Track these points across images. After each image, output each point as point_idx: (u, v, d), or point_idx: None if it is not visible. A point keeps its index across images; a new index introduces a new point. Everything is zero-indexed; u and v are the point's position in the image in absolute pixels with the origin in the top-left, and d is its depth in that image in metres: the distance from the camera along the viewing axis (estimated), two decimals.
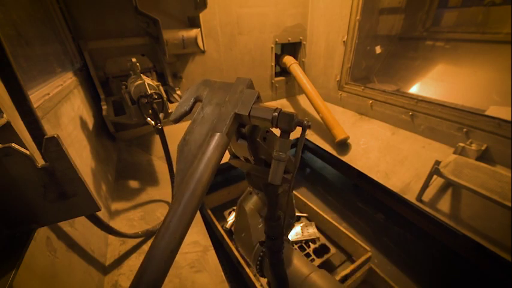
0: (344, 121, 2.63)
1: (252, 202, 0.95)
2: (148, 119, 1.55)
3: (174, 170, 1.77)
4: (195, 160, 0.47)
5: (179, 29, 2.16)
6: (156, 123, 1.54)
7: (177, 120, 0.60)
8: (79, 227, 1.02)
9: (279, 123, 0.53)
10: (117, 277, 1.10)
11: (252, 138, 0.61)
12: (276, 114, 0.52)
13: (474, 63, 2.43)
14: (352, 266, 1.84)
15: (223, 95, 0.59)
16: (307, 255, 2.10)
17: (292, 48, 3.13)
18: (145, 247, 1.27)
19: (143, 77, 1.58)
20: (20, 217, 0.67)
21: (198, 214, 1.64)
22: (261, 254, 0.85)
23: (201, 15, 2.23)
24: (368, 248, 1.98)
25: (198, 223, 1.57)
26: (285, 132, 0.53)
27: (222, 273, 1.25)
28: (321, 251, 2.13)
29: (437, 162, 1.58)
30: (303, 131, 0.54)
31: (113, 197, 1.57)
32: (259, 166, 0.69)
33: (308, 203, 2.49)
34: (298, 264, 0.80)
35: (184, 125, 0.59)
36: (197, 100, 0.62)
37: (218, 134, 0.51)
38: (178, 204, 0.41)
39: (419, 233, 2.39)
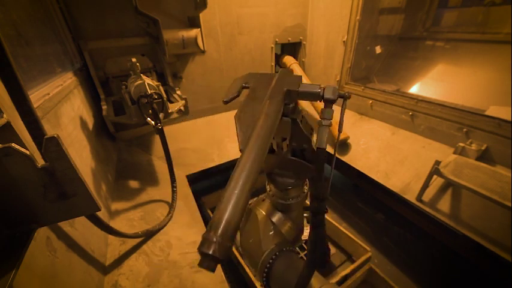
0: (344, 121, 2.62)
1: (265, 208, 0.95)
2: (148, 119, 1.55)
3: (174, 169, 1.77)
4: (257, 124, 0.54)
5: (179, 29, 2.16)
6: (156, 123, 1.54)
7: (228, 101, 0.70)
8: (79, 227, 1.02)
9: (325, 94, 0.62)
10: (117, 277, 1.10)
11: (293, 118, 0.69)
12: (322, 88, 0.63)
13: (474, 63, 2.43)
14: (352, 266, 1.84)
15: (270, 80, 0.68)
16: None
17: (292, 48, 3.13)
18: (145, 247, 1.27)
19: (143, 77, 1.58)
20: (20, 217, 0.67)
21: (198, 214, 1.65)
22: (270, 261, 0.84)
23: (201, 15, 2.23)
24: (368, 248, 1.98)
25: (197, 223, 1.57)
26: (330, 102, 0.64)
27: (222, 273, 1.25)
28: None
29: (437, 162, 1.58)
30: (344, 101, 0.65)
31: (113, 197, 1.57)
32: (288, 155, 0.75)
33: (308, 203, 2.49)
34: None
35: (183, 126, 0.61)
36: (244, 87, 0.71)
37: (275, 99, 0.61)
38: (249, 156, 0.48)
39: (419, 233, 2.39)
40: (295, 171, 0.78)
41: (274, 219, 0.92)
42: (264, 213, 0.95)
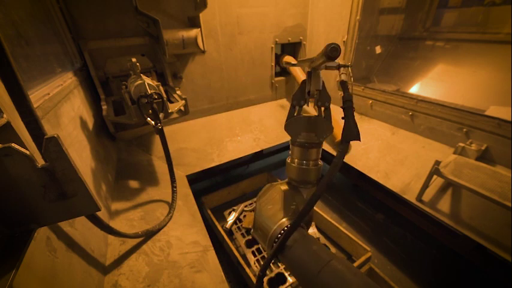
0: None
1: (287, 187, 1.06)
2: (149, 119, 1.55)
3: (174, 169, 1.79)
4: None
5: (179, 29, 2.16)
6: (156, 123, 1.54)
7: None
8: (79, 227, 1.02)
9: (328, 52, 0.87)
10: (117, 277, 1.10)
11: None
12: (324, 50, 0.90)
13: (474, 63, 2.43)
14: None
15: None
16: None
17: (292, 48, 3.13)
18: (145, 247, 1.27)
19: (143, 77, 1.58)
20: (19, 217, 0.67)
21: (198, 214, 1.65)
22: (279, 235, 0.91)
23: (201, 15, 2.23)
24: (368, 248, 1.98)
25: (198, 223, 1.57)
26: (330, 58, 0.85)
27: (222, 273, 1.25)
28: None
29: (437, 162, 1.58)
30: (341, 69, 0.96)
31: (113, 197, 1.57)
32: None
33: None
34: (319, 251, 0.84)
35: (183, 126, 0.60)
36: None
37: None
38: None
39: (419, 233, 2.39)
40: (318, 131, 0.95)
41: (295, 197, 1.01)
42: (287, 188, 1.04)
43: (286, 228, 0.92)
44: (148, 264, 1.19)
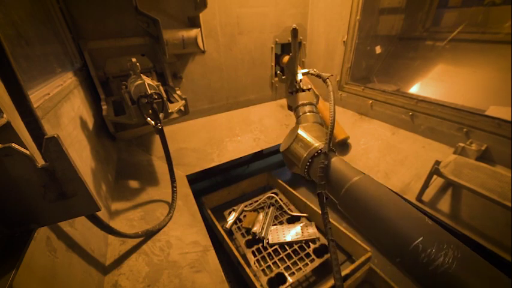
0: (344, 121, 2.63)
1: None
2: (149, 119, 1.55)
3: (174, 169, 1.79)
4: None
5: (179, 29, 2.16)
6: (156, 123, 1.54)
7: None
8: (79, 227, 1.02)
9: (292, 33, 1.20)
10: (117, 277, 1.10)
11: None
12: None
13: (474, 63, 2.43)
14: (352, 266, 1.84)
15: None
16: (307, 255, 2.10)
17: None
18: (145, 247, 1.27)
19: (143, 77, 1.58)
20: (19, 217, 0.67)
21: (198, 214, 1.65)
22: (309, 162, 1.10)
23: (201, 15, 2.23)
24: (368, 248, 1.98)
25: (198, 223, 1.57)
26: (295, 35, 1.20)
27: (222, 273, 1.25)
28: (321, 251, 2.13)
29: (437, 162, 1.58)
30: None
31: (113, 197, 1.57)
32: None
33: (308, 203, 2.49)
34: (344, 169, 1.02)
35: (183, 126, 0.60)
36: None
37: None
38: None
39: None
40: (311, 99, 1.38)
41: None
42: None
43: (319, 151, 1.08)
44: (148, 264, 1.19)
